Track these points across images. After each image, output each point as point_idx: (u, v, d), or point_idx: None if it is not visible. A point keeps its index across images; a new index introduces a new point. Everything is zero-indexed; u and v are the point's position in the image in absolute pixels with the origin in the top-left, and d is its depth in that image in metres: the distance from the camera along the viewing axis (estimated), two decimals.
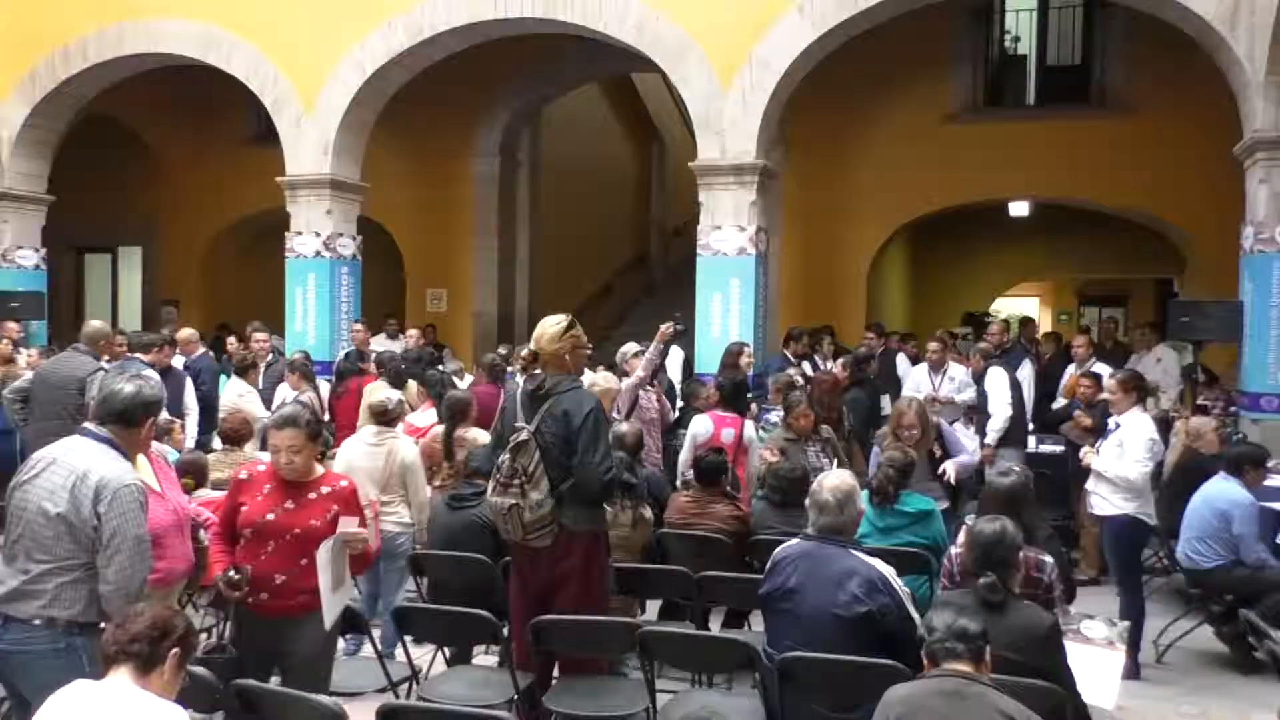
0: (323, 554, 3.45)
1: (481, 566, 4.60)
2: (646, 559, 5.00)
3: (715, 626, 5.07)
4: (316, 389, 7.48)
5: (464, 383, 8.15)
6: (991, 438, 7.44)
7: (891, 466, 4.91)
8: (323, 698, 2.97)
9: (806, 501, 3.62)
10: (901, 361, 9.59)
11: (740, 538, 5.18)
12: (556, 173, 14.43)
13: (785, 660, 3.29)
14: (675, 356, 9.08)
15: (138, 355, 7.12)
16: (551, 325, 4.00)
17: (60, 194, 11.59)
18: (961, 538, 4.04)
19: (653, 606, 5.39)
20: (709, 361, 8.78)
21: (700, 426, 6.46)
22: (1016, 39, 12.39)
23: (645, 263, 17.98)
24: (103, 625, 3.07)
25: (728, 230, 8.87)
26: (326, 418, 7.81)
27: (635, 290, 17.24)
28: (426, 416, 6.44)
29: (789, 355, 8.66)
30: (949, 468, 5.72)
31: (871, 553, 3.63)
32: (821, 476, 3.67)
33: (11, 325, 9.95)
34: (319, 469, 3.64)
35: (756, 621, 5.12)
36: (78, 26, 10.57)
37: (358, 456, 5.45)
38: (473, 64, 10.71)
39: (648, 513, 5.01)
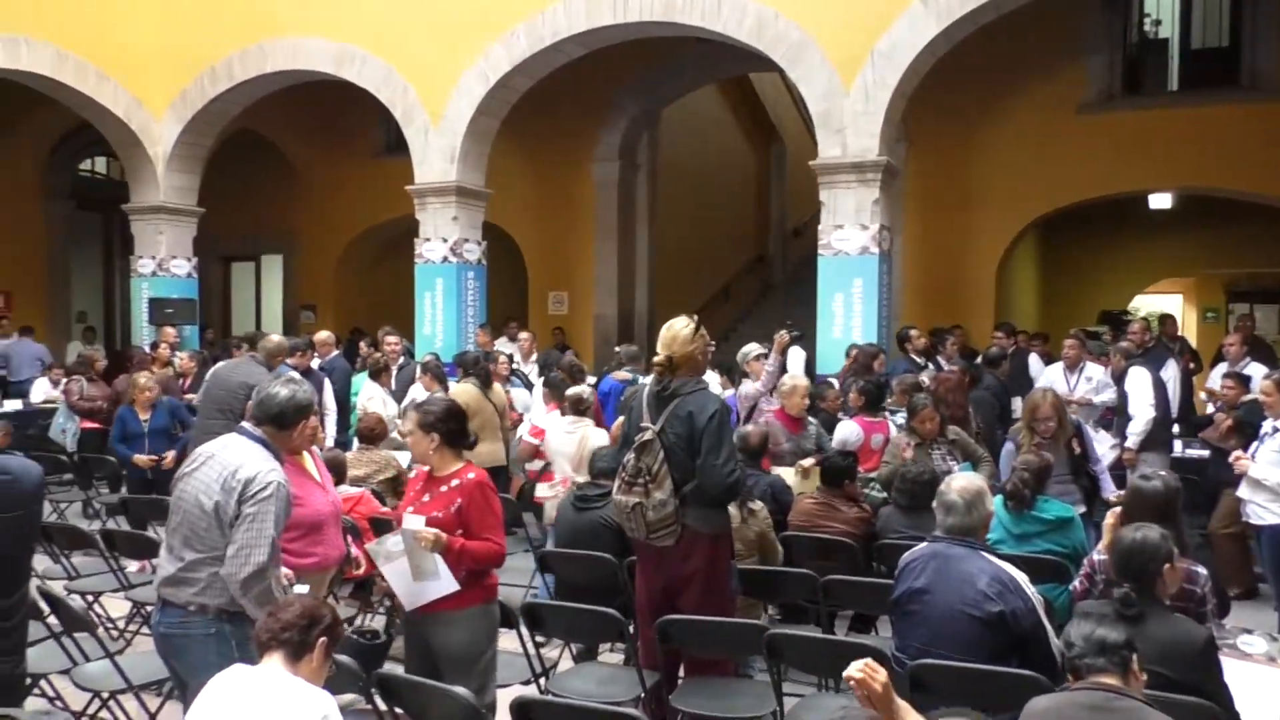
0: (387, 544, 3.55)
1: (606, 566, 4.66)
2: (765, 556, 4.97)
3: (840, 631, 4.99)
4: (447, 390, 7.68)
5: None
6: (1133, 441, 7.10)
7: (1026, 471, 4.73)
8: (459, 689, 3.05)
9: (934, 503, 3.54)
10: (1034, 362, 9.24)
11: (866, 540, 5.10)
12: (675, 175, 14.49)
13: (917, 666, 3.22)
14: (796, 357, 8.97)
15: (285, 359, 7.49)
16: (683, 328, 4.01)
17: (209, 206, 12.30)
18: (1104, 542, 3.88)
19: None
20: (831, 363, 8.67)
21: (849, 432, 6.39)
22: (1157, 22, 11.80)
23: (764, 263, 17.90)
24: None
25: (850, 229, 8.73)
26: None
27: (754, 291, 17.18)
28: (551, 419, 6.54)
29: (914, 357, 8.46)
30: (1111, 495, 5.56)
31: (1006, 559, 3.52)
32: (950, 478, 3.58)
33: (169, 330, 10.62)
34: (458, 463, 3.70)
35: (883, 627, 5.04)
36: (223, 47, 11.19)
37: (557, 441, 6.18)
38: (592, 69, 10.86)
39: (756, 505, 4.97)
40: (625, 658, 4.60)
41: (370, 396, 7.89)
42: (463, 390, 7.12)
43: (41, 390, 10.64)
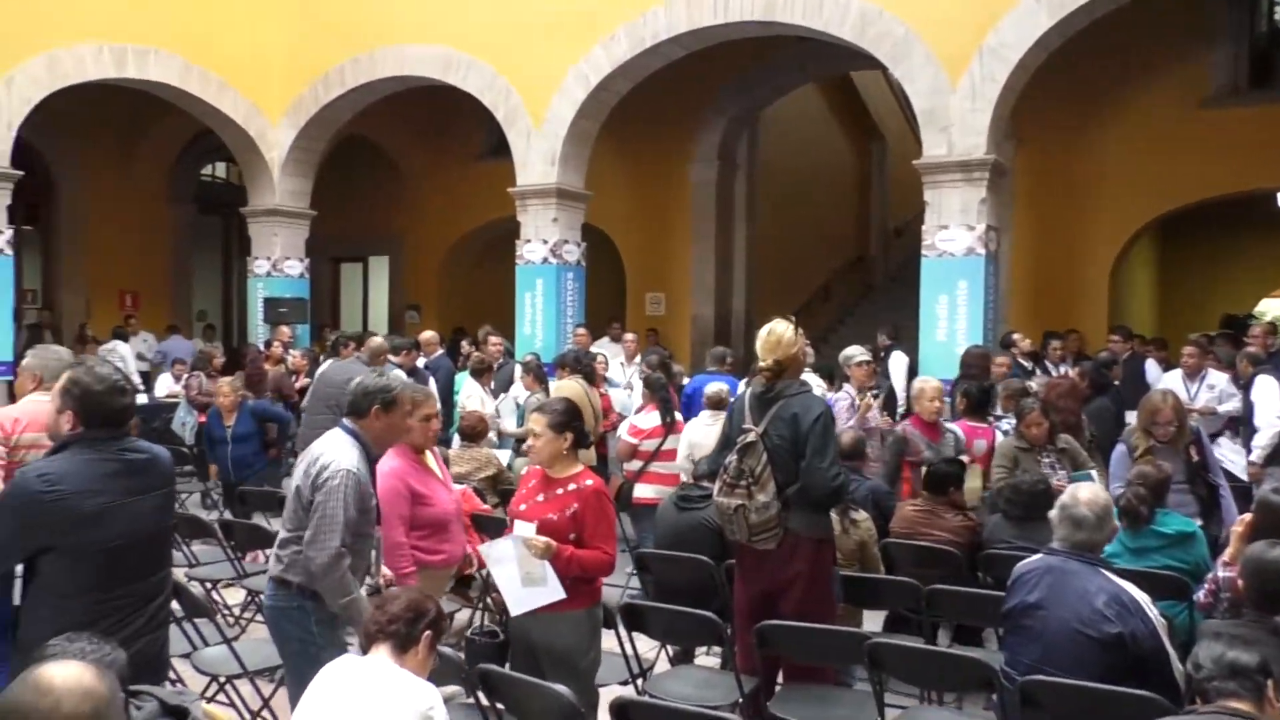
0: (498, 548, 3.60)
1: (705, 568, 4.64)
2: (865, 567, 4.89)
3: (942, 641, 4.88)
4: (548, 390, 7.78)
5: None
6: (1257, 455, 6.72)
7: (1143, 485, 4.52)
8: (559, 687, 3.08)
9: (1053, 515, 3.41)
10: (1151, 368, 8.86)
11: (970, 550, 4.97)
12: (774, 175, 14.39)
13: (1029, 683, 3.11)
14: (899, 362, 8.84)
15: (389, 357, 7.71)
16: (785, 331, 3.97)
17: (320, 209, 12.73)
18: (1229, 553, 3.69)
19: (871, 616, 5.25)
20: (933, 366, 8.47)
21: None
22: None
23: (864, 263, 17.64)
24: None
25: (955, 229, 8.52)
26: None
27: (854, 292, 16.94)
28: (650, 418, 6.56)
29: (1021, 361, 8.21)
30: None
31: (1123, 575, 3.37)
32: (1074, 488, 3.43)
33: (284, 330, 11.04)
34: (577, 466, 3.68)
35: (988, 639, 4.90)
36: (336, 55, 11.56)
37: (698, 435, 6.14)
38: (692, 70, 10.85)
39: (858, 515, 4.89)
40: (722, 661, 4.59)
41: (469, 395, 8.05)
42: (569, 387, 7.17)
43: (165, 385, 11.18)
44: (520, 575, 3.56)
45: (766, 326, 4.03)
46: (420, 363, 8.53)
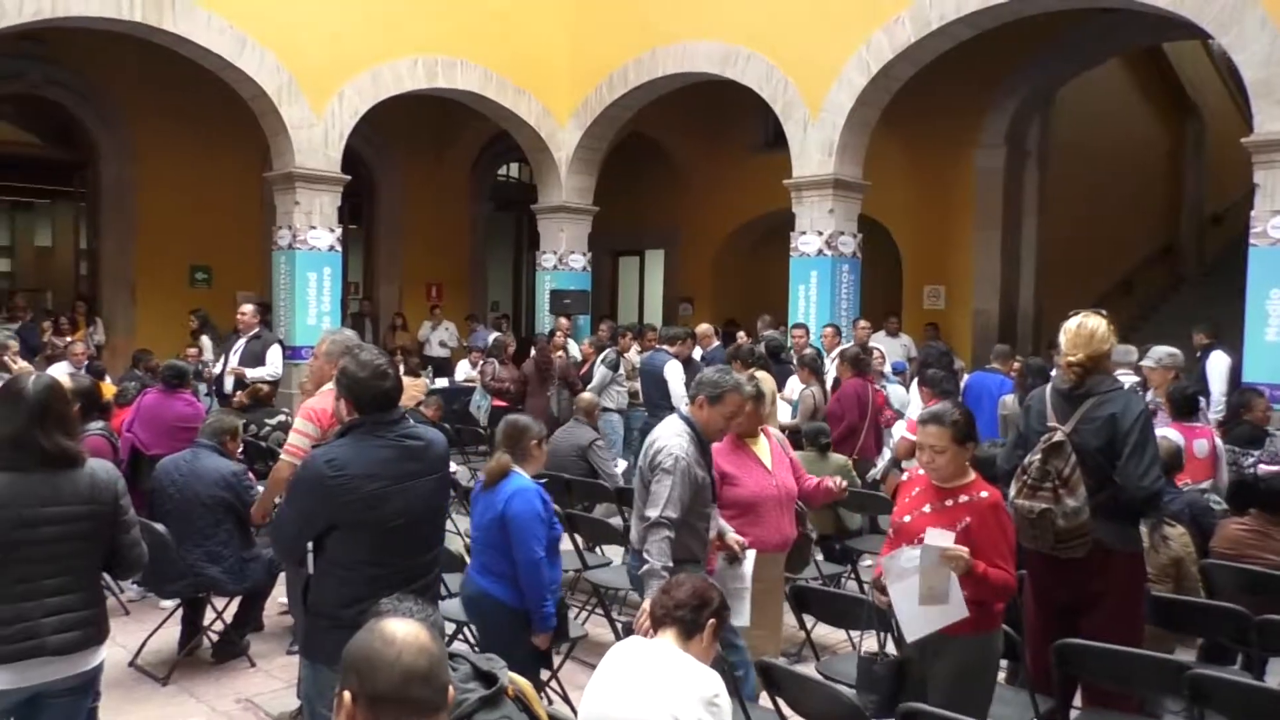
0: (903, 556, 3.22)
1: None
2: (1180, 586, 4.43)
3: (1271, 679, 4.33)
4: (823, 383, 7.68)
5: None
6: None
7: None
8: (841, 687, 3.03)
9: None
10: None
11: None
12: (1069, 159, 13.35)
13: None
14: (1220, 363, 7.95)
15: (664, 347, 7.92)
16: (1098, 325, 3.68)
17: (601, 204, 13.29)
18: None
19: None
20: (1260, 369, 7.54)
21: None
22: None
23: (1174, 253, 16.02)
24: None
25: None
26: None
27: (1161, 285, 15.45)
28: None
29: None
30: None
31: None
32: None
33: (564, 321, 11.64)
34: (970, 475, 3.38)
35: None
36: (619, 56, 12.00)
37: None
38: (979, 50, 10.25)
39: (1171, 530, 4.42)
40: (1008, 676, 4.32)
41: None
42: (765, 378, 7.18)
43: (463, 371, 12.14)
44: (921, 590, 3.18)
45: (1076, 319, 3.73)
46: (697, 354, 8.69)
